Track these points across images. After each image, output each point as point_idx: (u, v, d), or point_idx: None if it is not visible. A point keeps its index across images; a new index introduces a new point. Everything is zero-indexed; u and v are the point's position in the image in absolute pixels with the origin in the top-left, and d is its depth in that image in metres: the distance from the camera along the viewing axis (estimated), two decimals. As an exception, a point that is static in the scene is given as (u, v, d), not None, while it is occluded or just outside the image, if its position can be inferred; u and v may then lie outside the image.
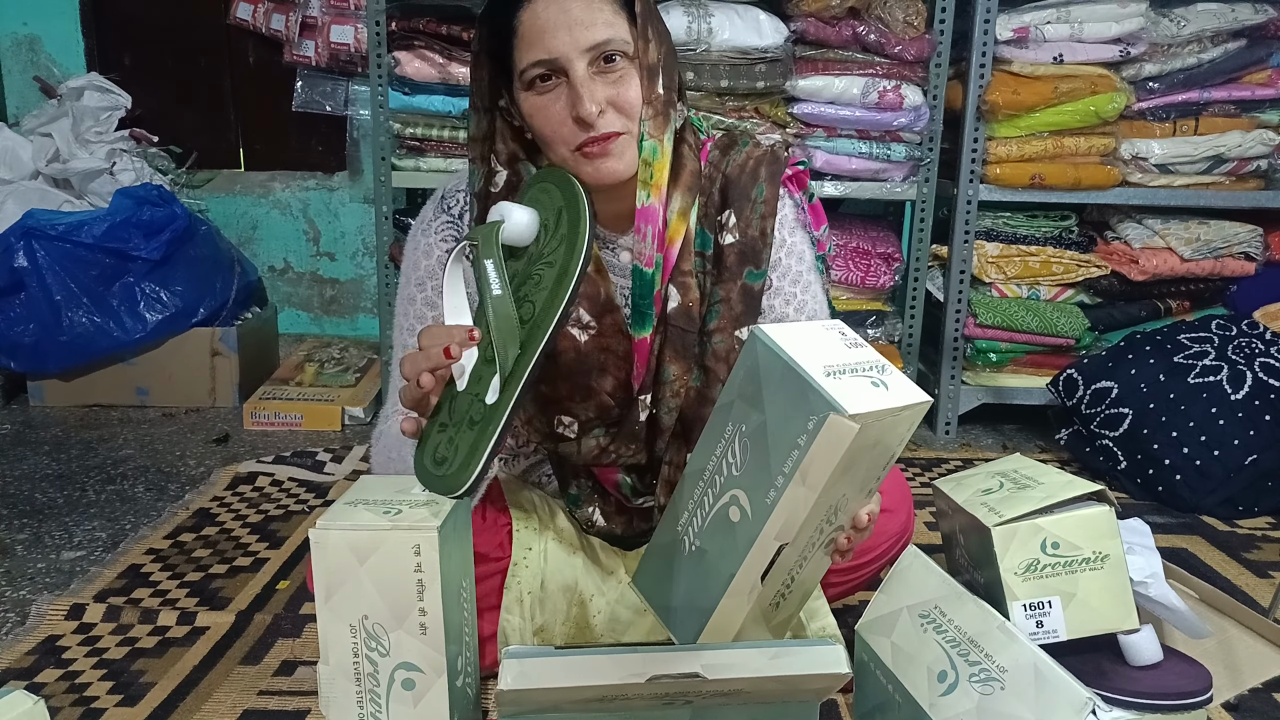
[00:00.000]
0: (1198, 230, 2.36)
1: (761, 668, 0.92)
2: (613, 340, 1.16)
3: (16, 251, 2.39)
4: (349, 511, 1.01)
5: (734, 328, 1.17)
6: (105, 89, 2.86)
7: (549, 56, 1.02)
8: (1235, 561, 1.73)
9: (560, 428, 1.19)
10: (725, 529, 0.89)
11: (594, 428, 1.18)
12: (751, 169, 1.18)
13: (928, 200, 2.36)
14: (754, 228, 1.17)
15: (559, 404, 1.18)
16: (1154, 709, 1.05)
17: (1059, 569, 1.10)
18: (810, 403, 0.80)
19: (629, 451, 1.20)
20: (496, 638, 1.21)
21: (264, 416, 2.40)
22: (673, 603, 0.97)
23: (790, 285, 1.21)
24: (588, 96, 1.01)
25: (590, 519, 1.25)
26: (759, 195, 1.17)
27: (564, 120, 1.04)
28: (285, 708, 1.24)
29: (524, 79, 1.05)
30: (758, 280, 1.17)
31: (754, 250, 1.17)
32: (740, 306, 1.17)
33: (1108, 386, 2.10)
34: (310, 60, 2.91)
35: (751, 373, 0.85)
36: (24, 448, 2.23)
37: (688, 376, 1.17)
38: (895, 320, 2.43)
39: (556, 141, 1.06)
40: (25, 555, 1.70)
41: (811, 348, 0.84)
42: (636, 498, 1.24)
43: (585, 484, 1.25)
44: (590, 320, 1.15)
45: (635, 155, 1.07)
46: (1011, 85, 2.23)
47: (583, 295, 1.13)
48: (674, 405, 1.17)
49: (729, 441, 0.88)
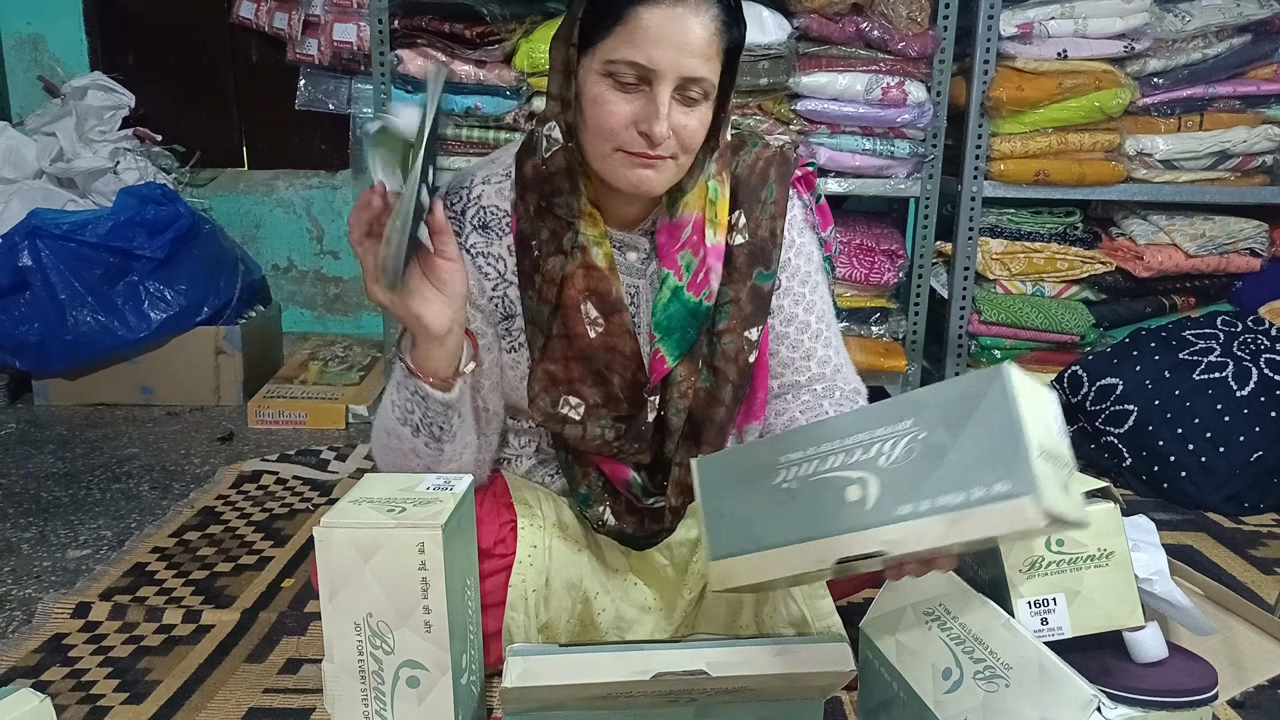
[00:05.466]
0: (1203, 226, 2.35)
1: (766, 665, 0.92)
2: (620, 340, 1.16)
3: (21, 251, 2.40)
4: (353, 510, 1.01)
5: (743, 328, 1.18)
6: (109, 88, 2.86)
7: (649, 65, 1.02)
8: (1241, 558, 1.73)
9: (565, 408, 1.18)
10: (834, 497, 0.86)
11: (601, 417, 1.18)
12: (761, 170, 1.20)
13: (932, 197, 2.35)
14: (764, 228, 1.19)
15: (568, 384, 1.17)
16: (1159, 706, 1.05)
17: (1063, 566, 1.10)
18: (1014, 471, 0.76)
19: (633, 449, 1.20)
20: (501, 635, 1.21)
21: (268, 415, 2.41)
22: (725, 510, 0.94)
23: (800, 285, 1.23)
24: (664, 117, 1.03)
25: (601, 518, 1.25)
26: (769, 196, 1.19)
27: (627, 125, 1.05)
28: (290, 705, 1.24)
29: (607, 67, 1.04)
30: (767, 281, 1.19)
31: (764, 251, 1.18)
32: (750, 307, 1.18)
33: (1112, 383, 2.10)
34: (313, 58, 2.91)
35: (970, 398, 0.81)
36: (29, 447, 2.23)
37: (696, 377, 1.18)
38: (899, 317, 2.42)
39: (606, 136, 1.06)
40: (31, 554, 1.70)
41: (1039, 416, 0.80)
42: (647, 498, 1.23)
43: (596, 483, 1.25)
44: (598, 316, 1.15)
45: (674, 179, 1.11)
46: (1015, 81, 2.23)
47: (593, 291, 1.14)
48: (682, 406, 1.18)
49: (897, 435, 0.84)
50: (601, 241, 1.15)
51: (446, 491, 1.05)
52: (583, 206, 1.13)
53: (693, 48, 1.02)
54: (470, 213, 1.17)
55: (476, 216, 1.17)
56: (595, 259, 1.14)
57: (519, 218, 1.16)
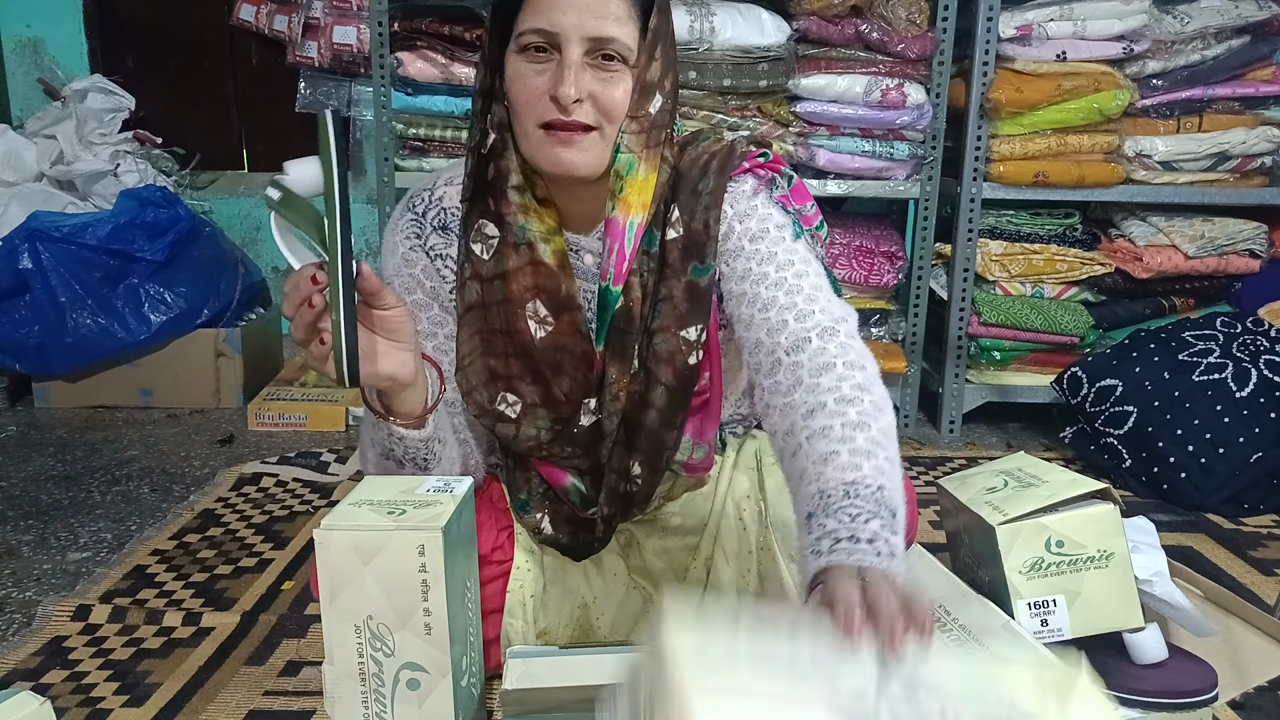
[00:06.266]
0: (1202, 227, 2.35)
1: None
2: (570, 340, 1.12)
3: (21, 253, 2.40)
4: (353, 512, 1.01)
5: (678, 327, 1.10)
6: (109, 91, 2.86)
7: (551, 29, 0.99)
8: (1241, 559, 1.73)
9: (502, 405, 1.14)
10: None
11: (538, 417, 1.15)
12: (704, 163, 1.12)
13: (931, 198, 2.35)
14: (697, 220, 1.10)
15: (506, 380, 1.14)
16: (1159, 707, 1.05)
17: (1064, 567, 1.10)
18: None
19: (565, 453, 1.17)
20: (499, 641, 1.21)
21: (268, 417, 2.41)
22: None
23: (750, 243, 1.09)
24: (571, 80, 0.99)
25: (538, 526, 1.22)
26: (705, 187, 1.10)
27: (541, 95, 1.01)
28: (290, 708, 1.24)
29: (519, 42, 1.02)
30: (703, 275, 1.10)
31: (698, 244, 1.09)
32: (685, 305, 1.10)
33: (1112, 384, 2.10)
34: (313, 61, 2.92)
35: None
36: (29, 449, 2.23)
37: (626, 379, 1.13)
38: (899, 319, 2.42)
39: (527, 114, 1.03)
40: (31, 556, 1.70)
41: None
42: (587, 507, 1.20)
43: (537, 489, 1.22)
44: (547, 315, 1.11)
45: (601, 157, 1.04)
46: (1014, 83, 2.23)
47: (541, 289, 1.11)
48: (614, 409, 1.14)
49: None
50: (550, 238, 1.11)
51: (447, 494, 1.05)
52: (525, 201, 1.09)
53: (594, 7, 0.99)
54: (431, 214, 1.16)
55: (437, 218, 1.16)
56: (543, 255, 1.10)
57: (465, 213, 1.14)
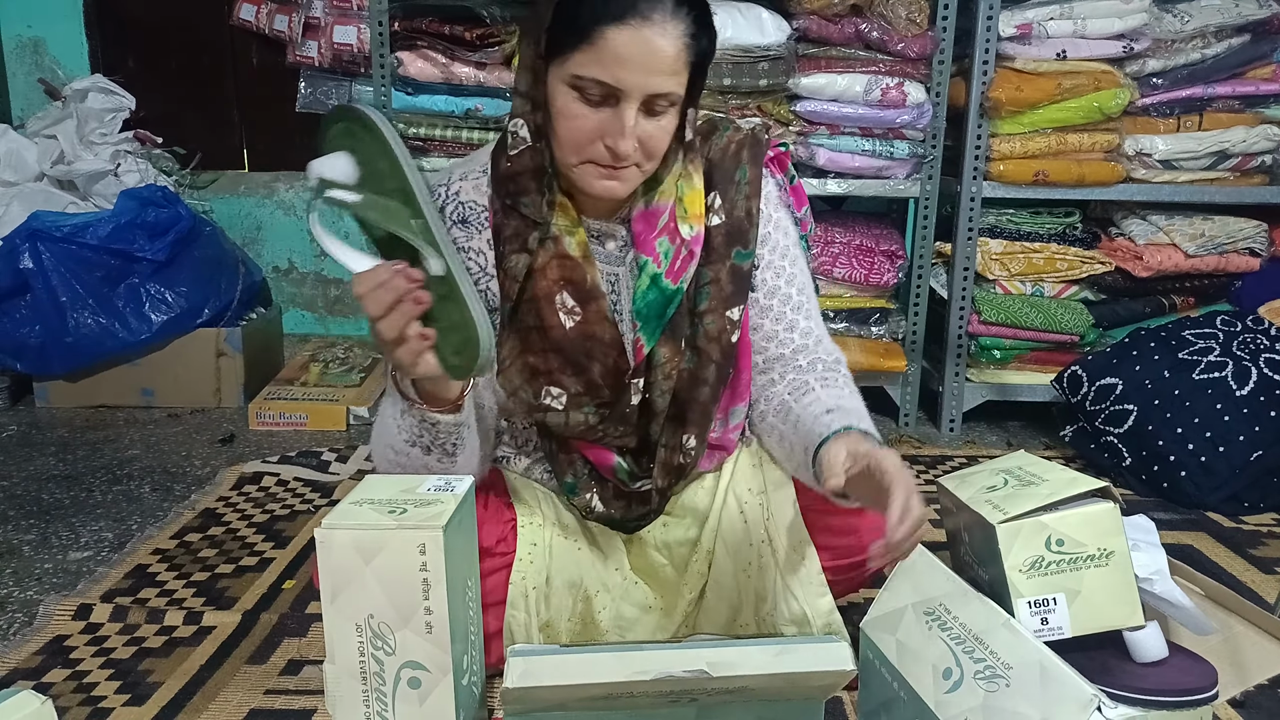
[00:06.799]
0: (1202, 226, 2.35)
1: (767, 665, 0.92)
2: (598, 327, 1.16)
3: (22, 253, 2.40)
4: (354, 511, 1.01)
5: (724, 308, 1.20)
6: (109, 91, 2.86)
7: (616, 86, 1.03)
8: (1241, 558, 1.73)
9: (547, 399, 1.18)
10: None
11: (583, 404, 1.19)
12: (734, 152, 1.22)
13: (931, 197, 2.36)
14: (739, 208, 1.20)
15: (548, 375, 1.18)
16: (1159, 706, 1.05)
17: (1064, 566, 1.10)
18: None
19: (618, 433, 1.21)
20: (502, 634, 1.21)
21: (269, 417, 2.41)
22: None
23: (779, 259, 1.25)
24: (630, 134, 1.05)
25: (589, 505, 1.26)
26: (742, 177, 1.21)
27: (593, 137, 1.06)
28: (291, 707, 1.25)
29: (573, 79, 1.05)
30: (746, 260, 1.21)
31: (740, 230, 1.20)
32: (730, 287, 1.20)
33: (1112, 383, 2.10)
34: (313, 61, 2.91)
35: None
36: (30, 449, 2.24)
37: (679, 359, 1.20)
38: (899, 318, 2.42)
39: (573, 149, 1.08)
40: (32, 556, 1.70)
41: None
42: (634, 481, 1.24)
43: (582, 470, 1.26)
44: (575, 305, 1.16)
45: (638, 182, 1.13)
46: (1015, 82, 2.23)
47: (568, 281, 1.15)
48: (666, 388, 1.19)
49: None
50: (574, 230, 1.15)
51: (447, 493, 1.05)
52: (554, 198, 1.14)
53: (659, 67, 1.03)
54: (450, 208, 1.18)
55: (456, 212, 1.18)
56: (568, 248, 1.15)
57: (495, 212, 1.17)
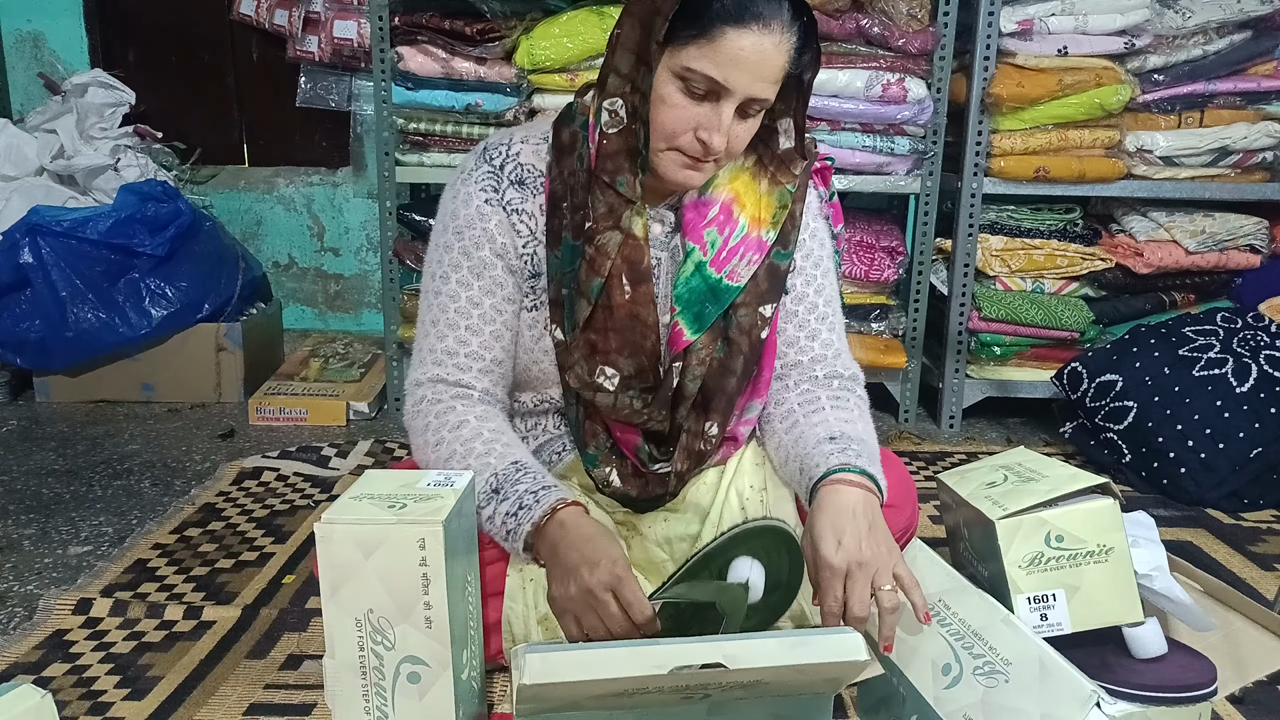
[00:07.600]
0: (1203, 223, 2.35)
1: (782, 657, 0.92)
2: (644, 309, 1.19)
3: (22, 248, 2.40)
4: (354, 506, 1.01)
5: (758, 304, 1.22)
6: (109, 85, 2.86)
7: (725, 84, 1.06)
8: (1240, 554, 1.73)
9: (602, 378, 1.21)
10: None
11: (632, 385, 1.21)
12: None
13: (931, 194, 2.35)
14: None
15: (606, 355, 1.20)
16: (1158, 702, 1.05)
17: (1063, 562, 1.10)
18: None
19: (660, 416, 1.23)
20: (500, 625, 1.21)
21: (269, 412, 2.41)
22: None
23: (812, 267, 1.29)
24: (725, 132, 1.09)
25: (607, 479, 1.27)
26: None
27: (687, 128, 1.10)
28: (291, 701, 1.25)
29: (683, 70, 1.07)
30: (785, 260, 1.24)
31: (783, 232, 1.23)
32: (766, 284, 1.23)
33: (1112, 380, 2.10)
34: (313, 56, 2.91)
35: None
36: (30, 444, 2.24)
37: (712, 346, 1.22)
38: (899, 314, 2.42)
39: (665, 136, 1.11)
40: (32, 550, 1.70)
41: None
42: (652, 464, 1.26)
43: (604, 444, 1.27)
44: (628, 286, 1.18)
45: (710, 174, 1.17)
46: (1015, 78, 2.22)
47: (627, 260, 1.18)
48: (699, 374, 1.22)
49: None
50: (642, 212, 1.19)
51: (447, 488, 1.05)
52: (634, 180, 1.16)
53: (766, 74, 1.07)
54: (509, 168, 1.21)
55: (514, 172, 1.21)
56: (634, 229, 1.18)
57: (552, 179, 1.20)
